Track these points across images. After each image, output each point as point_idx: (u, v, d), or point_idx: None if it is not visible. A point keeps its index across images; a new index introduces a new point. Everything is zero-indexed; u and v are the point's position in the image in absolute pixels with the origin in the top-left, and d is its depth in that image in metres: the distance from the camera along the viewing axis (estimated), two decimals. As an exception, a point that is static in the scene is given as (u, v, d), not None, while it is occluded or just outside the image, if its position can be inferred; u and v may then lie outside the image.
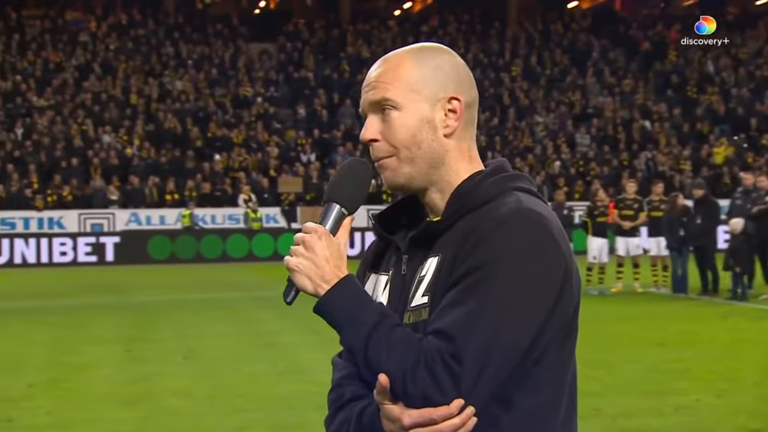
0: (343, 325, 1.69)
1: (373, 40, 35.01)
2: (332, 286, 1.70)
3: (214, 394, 7.98)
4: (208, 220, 26.68)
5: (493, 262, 1.65)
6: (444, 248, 1.74)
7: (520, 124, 31.80)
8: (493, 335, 1.63)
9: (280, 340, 10.98)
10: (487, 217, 1.70)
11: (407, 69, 1.77)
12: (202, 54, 33.11)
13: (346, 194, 1.79)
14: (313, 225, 1.74)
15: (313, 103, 31.51)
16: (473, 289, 1.65)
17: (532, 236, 1.68)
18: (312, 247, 1.70)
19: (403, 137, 1.76)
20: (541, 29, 36.71)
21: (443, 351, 1.62)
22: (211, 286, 18.64)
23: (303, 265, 1.70)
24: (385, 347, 1.64)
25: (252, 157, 28.82)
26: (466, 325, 1.63)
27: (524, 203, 1.72)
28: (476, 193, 1.76)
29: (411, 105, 1.76)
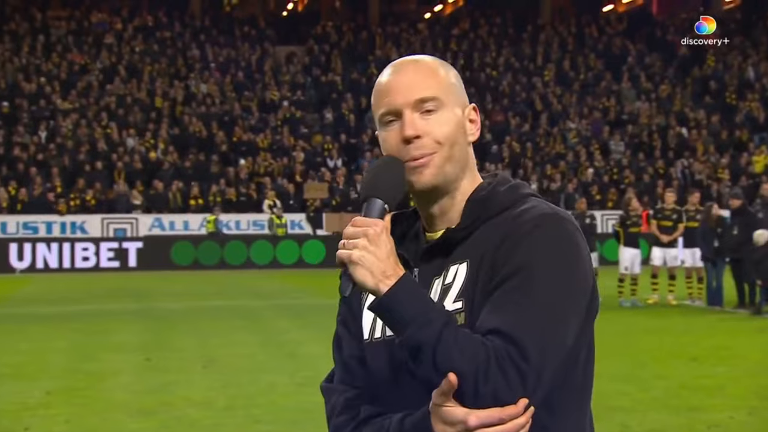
0: (410, 323, 1.68)
1: (402, 43, 35.06)
2: (397, 282, 1.69)
3: (233, 404, 8.01)
4: (233, 226, 26.82)
5: (537, 262, 1.73)
6: (469, 254, 1.80)
7: (552, 130, 31.68)
8: (549, 334, 1.71)
9: (301, 350, 11.00)
10: (520, 221, 1.78)
11: (444, 72, 1.88)
12: (228, 57, 33.34)
13: (387, 189, 1.80)
14: (367, 219, 1.74)
15: (341, 108, 31.62)
16: (521, 289, 1.72)
17: (569, 238, 1.78)
18: (375, 241, 1.70)
19: (448, 134, 1.83)
20: (574, 33, 36.59)
21: (511, 351, 1.67)
22: (234, 294, 18.74)
23: (366, 259, 1.69)
24: (457, 346, 1.66)
25: (277, 162, 28.96)
26: (524, 324, 1.69)
27: (551, 207, 1.83)
28: (493, 201, 1.84)
29: (451, 108, 1.85)
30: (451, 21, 37.27)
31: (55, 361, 10.42)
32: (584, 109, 32.86)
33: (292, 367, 9.79)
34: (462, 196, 1.86)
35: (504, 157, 29.99)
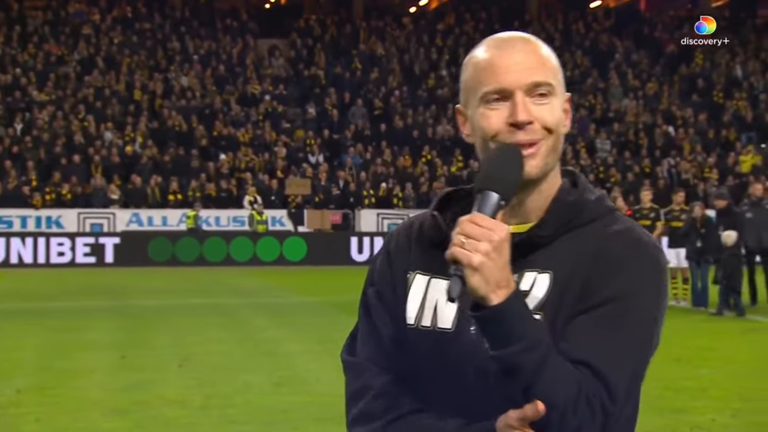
0: (515, 342, 1.60)
1: (387, 38, 35.05)
2: (509, 295, 1.60)
3: (208, 404, 7.97)
4: (212, 222, 26.73)
5: (634, 294, 1.69)
6: (552, 264, 1.72)
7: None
8: (635, 374, 1.71)
9: (279, 348, 10.97)
10: (617, 244, 1.73)
11: (553, 56, 1.80)
12: (209, 50, 33.22)
13: (505, 182, 1.68)
14: (491, 220, 1.62)
15: (324, 102, 31.57)
16: (615, 320, 1.68)
17: (664, 271, 1.76)
18: (499, 248, 1.59)
19: (557, 123, 1.75)
20: (561, 29, 36.66)
21: (601, 390, 1.64)
22: (212, 291, 18.68)
23: (486, 267, 1.58)
24: (557, 376, 1.62)
25: (259, 158, 28.89)
26: (616, 363, 1.66)
27: (643, 231, 1.79)
28: (585, 209, 1.77)
29: (559, 95, 1.78)
30: (437, 16, 37.28)
31: (27, 359, 10.34)
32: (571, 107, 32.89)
33: (270, 366, 9.76)
34: (547, 190, 1.77)
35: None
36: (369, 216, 27.55)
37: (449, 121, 31.36)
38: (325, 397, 8.13)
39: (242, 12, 35.55)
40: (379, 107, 31.70)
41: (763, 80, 34.81)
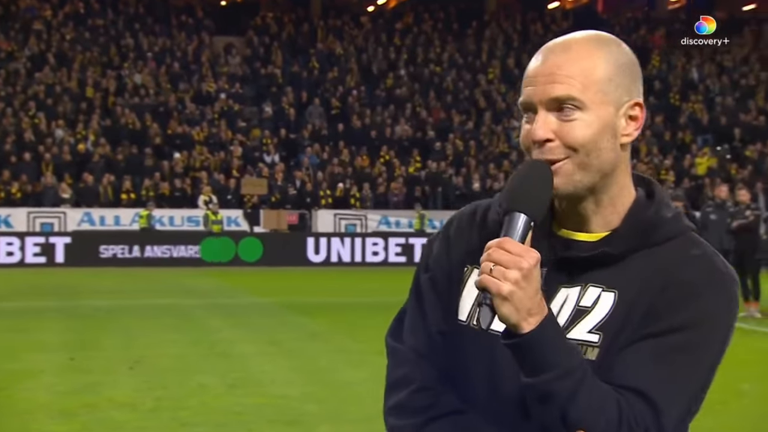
0: (547, 369, 1.56)
1: (345, 37, 35.02)
2: (540, 323, 1.56)
3: (160, 406, 7.90)
4: (166, 222, 26.51)
5: (707, 325, 1.63)
6: (617, 283, 1.66)
7: (497, 129, 31.91)
8: (692, 404, 1.65)
9: (233, 350, 10.91)
10: (692, 270, 1.65)
11: (597, 65, 1.66)
12: (164, 47, 32.94)
13: (532, 201, 1.61)
14: (520, 246, 1.56)
15: (281, 101, 31.45)
16: (682, 351, 1.61)
17: (737, 303, 1.68)
18: (528, 276, 1.54)
19: (585, 141, 1.64)
20: (520, 29, 36.90)
21: (647, 416, 1.58)
22: (165, 292, 18.51)
23: (516, 296, 1.53)
24: (591, 405, 1.56)
25: (214, 157, 28.70)
26: (673, 394, 1.60)
27: (718, 258, 1.69)
28: (660, 228, 1.69)
29: (596, 107, 1.64)
30: (395, 15, 37.32)
31: (-27, 361, 10.17)
32: (528, 108, 33.12)
33: (224, 367, 9.70)
34: (610, 202, 1.69)
35: (447, 154, 30.11)
36: (326, 216, 27.49)
37: (407, 121, 31.41)
38: (280, 399, 8.11)
39: (198, 9, 35.30)
40: (336, 107, 31.66)
41: (719, 83, 35.32)
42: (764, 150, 31.71)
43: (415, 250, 26.37)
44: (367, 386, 8.74)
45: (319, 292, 18.85)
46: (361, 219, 27.66)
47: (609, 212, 1.71)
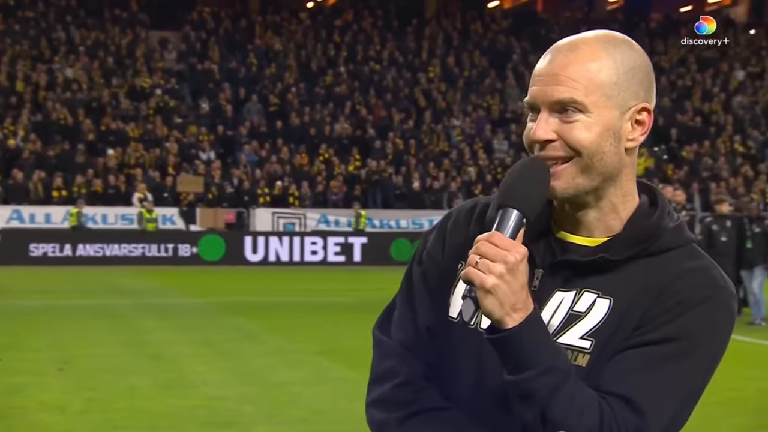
0: (529, 367, 1.55)
1: (284, 33, 34.84)
2: (524, 319, 1.55)
3: (89, 408, 7.75)
4: (99, 220, 26.10)
5: (698, 338, 1.61)
6: (613, 290, 1.65)
7: (436, 128, 32.03)
8: (678, 416, 1.63)
9: (166, 351, 10.74)
10: (689, 281, 1.63)
11: (603, 67, 1.64)
12: (97, 40, 32.42)
13: (528, 199, 1.61)
14: (508, 240, 1.56)
15: (217, 98, 31.16)
16: (672, 360, 1.60)
17: (734, 317, 1.68)
18: (514, 270, 1.54)
19: (586, 143, 1.62)
20: (459, 28, 37.09)
21: (629, 422, 1.57)
22: (98, 291, 18.21)
23: (500, 290, 1.53)
24: (572, 405, 1.55)
25: (149, 153, 28.32)
26: (658, 401, 1.59)
27: (717, 270, 1.68)
28: (661, 237, 1.67)
29: (600, 111, 1.63)
30: (334, 12, 37.24)
31: None
32: (468, 107, 33.35)
33: (156, 369, 9.55)
34: (612, 207, 1.68)
35: (387, 153, 30.13)
36: (264, 215, 27.31)
37: (347, 119, 31.36)
38: (213, 401, 8.00)
39: (132, 2, 34.78)
40: (275, 104, 31.47)
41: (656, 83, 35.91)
42: (700, 151, 32.33)
43: (355, 250, 26.35)
44: (304, 387, 8.68)
45: (256, 292, 18.70)
46: (299, 218, 27.54)
47: (611, 218, 1.69)
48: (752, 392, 8.71)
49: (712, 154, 32.30)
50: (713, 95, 35.57)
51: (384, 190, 28.92)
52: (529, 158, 1.66)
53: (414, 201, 28.55)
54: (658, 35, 38.66)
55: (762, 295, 13.90)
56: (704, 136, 33.07)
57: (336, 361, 10.14)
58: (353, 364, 9.91)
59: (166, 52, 33.04)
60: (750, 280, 13.97)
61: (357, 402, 8.54)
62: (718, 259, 10.26)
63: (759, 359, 10.93)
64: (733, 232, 13.96)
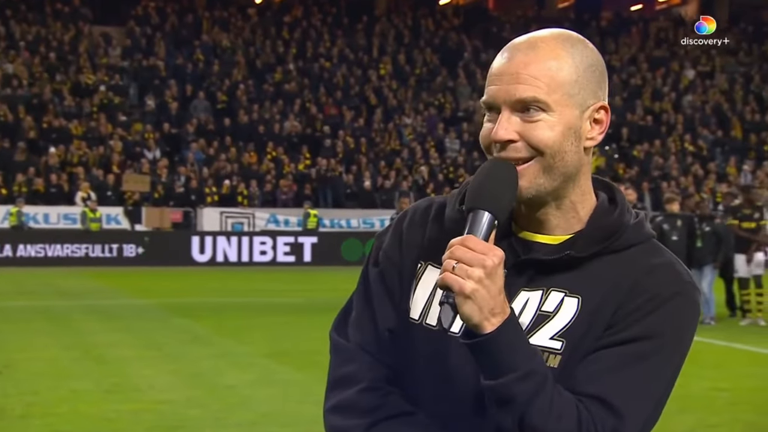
0: (506, 372, 1.54)
1: (231, 29, 34.61)
2: (502, 323, 1.54)
3: (29, 413, 7.61)
4: (40, 219, 25.70)
5: (668, 336, 1.63)
6: (582, 289, 1.65)
7: (388, 126, 32.04)
8: (653, 414, 1.64)
9: (110, 354, 10.60)
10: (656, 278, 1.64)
11: (563, 66, 1.64)
12: (38, 35, 31.91)
13: (497, 199, 1.60)
14: (484, 243, 1.55)
15: (163, 95, 30.85)
16: (645, 359, 1.61)
17: (699, 311, 1.70)
18: (492, 275, 1.53)
19: (549, 142, 1.63)
20: (410, 25, 37.16)
21: (606, 423, 1.57)
22: (39, 293, 17.92)
23: (479, 294, 1.52)
24: (551, 408, 1.55)
25: (93, 152, 27.95)
26: (634, 401, 1.59)
27: (681, 266, 1.70)
28: (623, 234, 1.68)
29: (562, 110, 1.63)
30: (283, 8, 37.07)
31: None
32: (420, 105, 33.41)
33: (99, 372, 9.42)
34: (572, 206, 1.69)
35: (338, 152, 30.08)
36: (212, 214, 27.09)
37: (296, 116, 31.24)
38: (159, 405, 7.90)
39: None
40: (222, 101, 31.25)
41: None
42: (651, 150, 32.75)
43: (305, 250, 26.26)
44: (252, 389, 8.61)
45: (203, 293, 18.55)
46: (248, 217, 27.38)
47: (571, 216, 1.70)
48: (700, 391, 8.82)
49: (663, 153, 32.75)
50: (664, 94, 36.06)
51: (334, 189, 28.87)
52: (496, 159, 1.65)
53: (365, 200, 28.53)
54: (609, 34, 39.09)
55: (712, 295, 14.10)
56: (655, 136, 33.52)
57: (285, 363, 10.09)
58: (303, 365, 9.87)
59: (110, 48, 32.64)
60: (700, 280, 14.15)
61: (306, 404, 8.56)
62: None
63: (708, 359, 11.08)
64: (684, 231, 14.15)
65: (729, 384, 9.24)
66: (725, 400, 8.49)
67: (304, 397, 8.21)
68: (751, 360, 11.19)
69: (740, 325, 14.09)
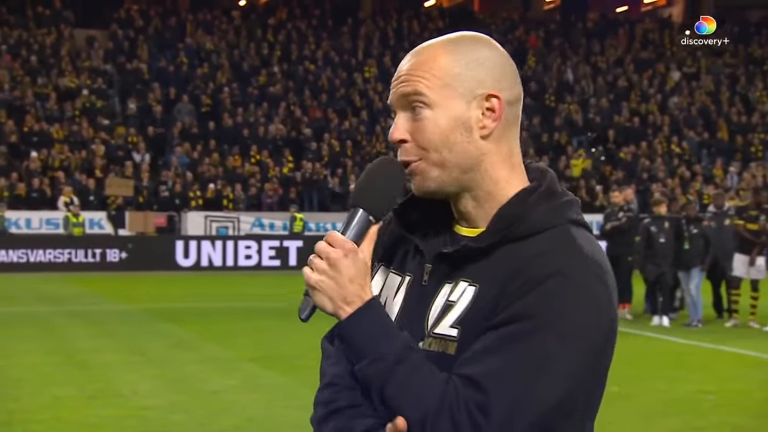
0: (363, 356, 1.64)
1: (215, 32, 34.58)
2: (355, 311, 1.64)
3: (11, 419, 7.59)
4: (22, 224, 25.59)
5: (544, 315, 1.61)
6: (481, 277, 1.69)
7: (374, 128, 32.06)
8: (526, 393, 1.60)
9: (94, 359, 10.57)
10: (541, 260, 1.64)
11: (441, 62, 1.71)
12: (20, 39, 31.79)
13: (373, 198, 1.71)
14: (338, 237, 1.67)
15: (147, 98, 30.78)
16: (516, 340, 1.61)
17: (591, 293, 1.64)
18: (336, 265, 1.64)
19: (434, 138, 1.69)
20: (395, 27, 37.20)
21: (470, 401, 1.59)
22: (21, 298, 17.84)
23: (325, 285, 1.65)
24: (406, 389, 1.60)
25: (75, 155, 27.86)
26: (500, 377, 1.60)
27: (584, 249, 1.67)
28: (527, 220, 1.69)
29: (444, 102, 1.70)
30: (267, 10, 37.08)
31: None
32: (405, 107, 33.40)
33: (82, 378, 9.39)
34: (488, 197, 1.73)
35: (323, 155, 30.07)
36: (196, 218, 27.03)
37: (281, 120, 31.22)
38: (143, 411, 7.89)
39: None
40: (207, 104, 31.20)
41: (593, 84, 36.43)
42: (637, 152, 32.87)
43: (290, 253, 26.22)
44: (237, 394, 8.61)
45: (188, 298, 18.50)
46: (233, 221, 27.33)
47: (489, 206, 1.74)
48: (686, 394, 8.87)
49: (649, 155, 32.88)
50: (650, 96, 36.21)
51: (320, 192, 28.86)
52: (383, 158, 1.75)
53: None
54: (596, 35, 39.23)
55: (699, 297, 14.16)
56: (641, 137, 33.65)
57: (269, 367, 10.08)
58: (287, 370, 9.86)
59: (92, 51, 32.55)
60: (687, 282, 14.21)
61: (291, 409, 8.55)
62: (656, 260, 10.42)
63: (695, 361, 11.14)
64: (671, 234, 14.20)
65: (715, 386, 9.27)
66: (711, 403, 8.52)
67: (288, 401, 8.21)
68: (738, 362, 11.24)
69: (726, 327, 14.14)
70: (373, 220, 1.70)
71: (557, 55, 37.38)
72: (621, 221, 15.31)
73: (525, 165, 1.79)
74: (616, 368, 6.07)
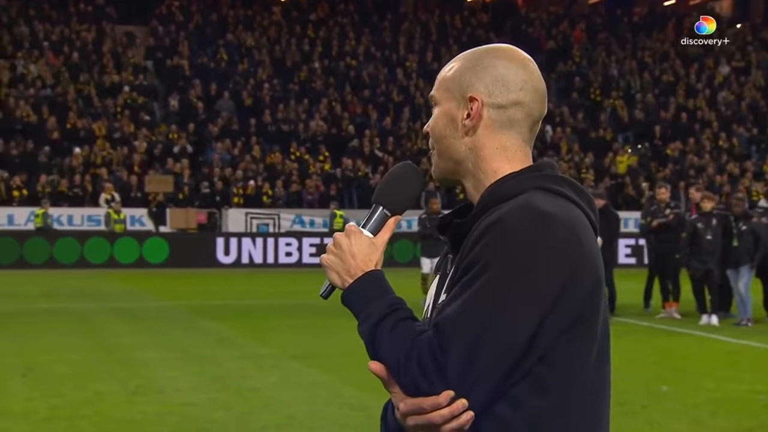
0: (358, 317, 1.88)
1: (256, 27, 34.75)
2: (354, 280, 1.90)
3: (55, 415, 7.68)
4: (64, 221, 25.92)
5: (487, 258, 1.80)
6: (463, 248, 1.92)
7: (414, 125, 32.02)
8: (482, 330, 1.77)
9: (135, 356, 10.68)
10: (492, 216, 1.85)
11: (451, 69, 2.01)
12: (62, 35, 32.19)
13: (389, 197, 2.00)
14: (353, 227, 1.95)
15: (188, 94, 31.02)
16: (468, 285, 1.81)
17: (529, 233, 1.80)
18: (339, 244, 1.93)
19: (434, 133, 2.02)
20: (437, 23, 37.11)
21: (432, 342, 1.79)
22: (63, 296, 18.07)
23: (331, 261, 1.94)
24: (387, 341, 1.83)
25: (116, 152, 28.16)
26: (456, 318, 1.79)
27: (532, 201, 1.85)
28: (497, 192, 1.92)
29: (444, 103, 2.00)
30: (309, 6, 37.18)
31: None
32: (447, 103, 33.32)
33: (124, 374, 9.48)
34: (480, 184, 1.97)
35: (364, 152, 30.10)
36: (237, 215, 27.21)
37: (322, 116, 31.31)
38: (184, 407, 7.95)
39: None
40: (248, 100, 31.37)
41: (639, 79, 36.08)
42: (685, 148, 32.51)
43: (330, 251, 26.26)
44: (278, 392, 8.65)
45: (228, 295, 18.63)
46: (273, 218, 27.46)
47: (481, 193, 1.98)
48: (737, 394, 8.76)
49: (697, 151, 32.51)
50: (698, 91, 35.79)
51: (360, 188, 28.89)
52: (405, 162, 2.05)
53: (392, 200, 28.47)
54: (642, 29, 38.85)
55: (748, 295, 13.96)
56: (689, 133, 33.28)
57: (311, 365, 10.11)
58: (329, 368, 9.89)
59: (133, 48, 32.87)
60: (736, 280, 14.02)
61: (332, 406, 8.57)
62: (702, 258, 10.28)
63: (745, 361, 11.00)
64: (719, 230, 14.03)
65: (766, 387, 9.15)
66: (763, 403, 8.41)
67: (330, 399, 8.23)
68: (789, 363, 11.07)
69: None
70: (389, 214, 1.98)
71: (602, 50, 37.07)
72: (668, 218, 15.15)
73: (536, 161, 1.99)
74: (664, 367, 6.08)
